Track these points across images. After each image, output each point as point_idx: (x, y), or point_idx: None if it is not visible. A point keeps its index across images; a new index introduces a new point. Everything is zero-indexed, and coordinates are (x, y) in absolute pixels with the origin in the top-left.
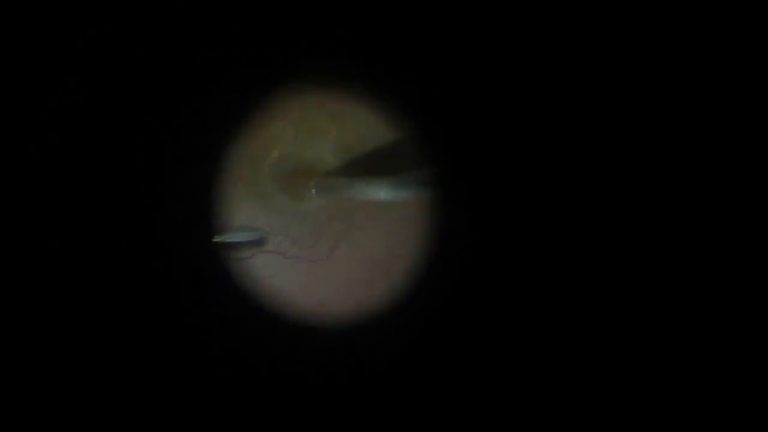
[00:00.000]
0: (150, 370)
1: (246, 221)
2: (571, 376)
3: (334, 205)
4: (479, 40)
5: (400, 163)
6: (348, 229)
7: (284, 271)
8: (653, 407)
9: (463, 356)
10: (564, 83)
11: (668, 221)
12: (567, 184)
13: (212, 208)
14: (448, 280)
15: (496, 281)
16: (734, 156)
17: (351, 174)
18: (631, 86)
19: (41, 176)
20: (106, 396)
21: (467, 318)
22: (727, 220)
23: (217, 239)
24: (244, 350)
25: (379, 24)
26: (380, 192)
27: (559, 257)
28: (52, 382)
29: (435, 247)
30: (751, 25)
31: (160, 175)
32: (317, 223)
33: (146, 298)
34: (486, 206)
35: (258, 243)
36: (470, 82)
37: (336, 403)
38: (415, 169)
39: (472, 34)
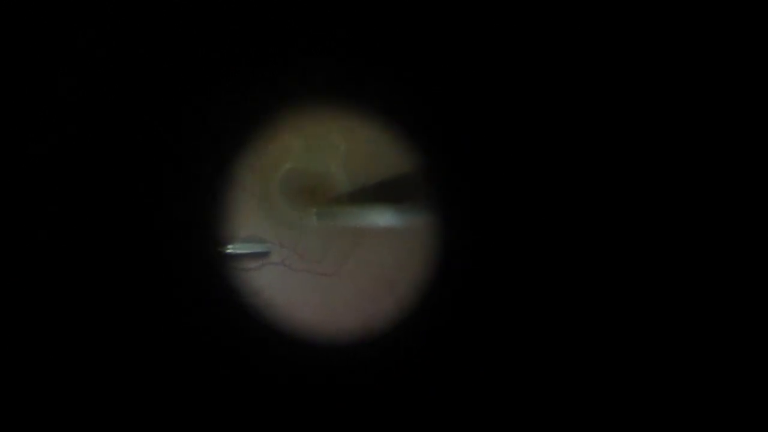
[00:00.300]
0: (150, 373)
1: (253, 232)
2: (581, 387)
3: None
4: (488, 41)
5: (407, 187)
6: (356, 243)
7: (291, 284)
8: (660, 410)
9: (471, 368)
10: (566, 88)
11: (672, 223)
12: (572, 193)
13: (218, 218)
14: (456, 294)
15: (504, 293)
16: (734, 156)
17: (358, 199)
18: (631, 86)
19: (41, 178)
20: (105, 397)
21: (475, 330)
22: (727, 220)
23: (222, 249)
24: (245, 357)
25: (386, 26)
26: (387, 219)
27: (567, 267)
28: (51, 382)
29: (442, 262)
30: (751, 25)
31: (164, 181)
32: (325, 236)
33: (149, 304)
34: (492, 218)
35: (264, 255)
36: (477, 86)
37: (337, 408)
38: (422, 193)
39: (481, 35)
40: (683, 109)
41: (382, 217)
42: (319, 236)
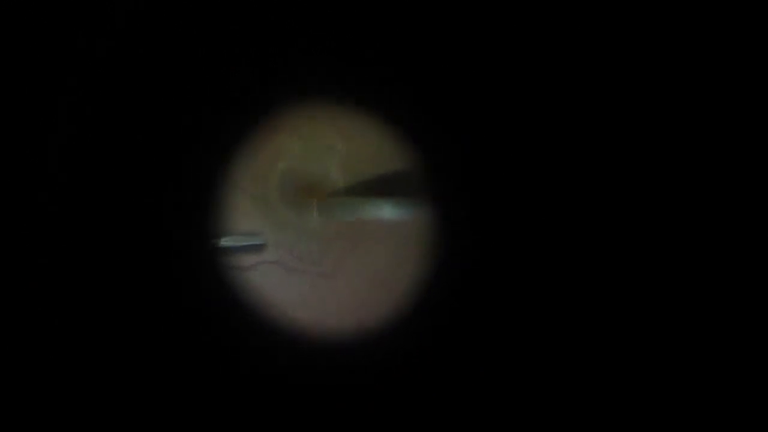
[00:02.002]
0: (146, 372)
1: (249, 231)
2: (581, 387)
3: (340, 221)
4: (491, 42)
5: (405, 183)
6: (353, 244)
7: (287, 285)
8: (659, 410)
9: (470, 367)
10: (565, 87)
11: (672, 223)
12: (571, 190)
13: (215, 217)
14: (454, 294)
15: (503, 293)
16: (734, 156)
17: (356, 193)
18: (631, 86)
19: (41, 180)
20: (101, 395)
21: (474, 330)
22: (727, 221)
23: (218, 245)
24: (241, 357)
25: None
26: (385, 212)
27: (566, 266)
28: (50, 381)
29: (439, 262)
30: (752, 25)
31: (162, 181)
32: (322, 238)
33: (145, 304)
34: (490, 216)
35: (260, 248)
36: (475, 84)
37: (334, 409)
38: (420, 190)
39: (478, 34)
40: (683, 109)
41: (380, 211)
42: (316, 237)
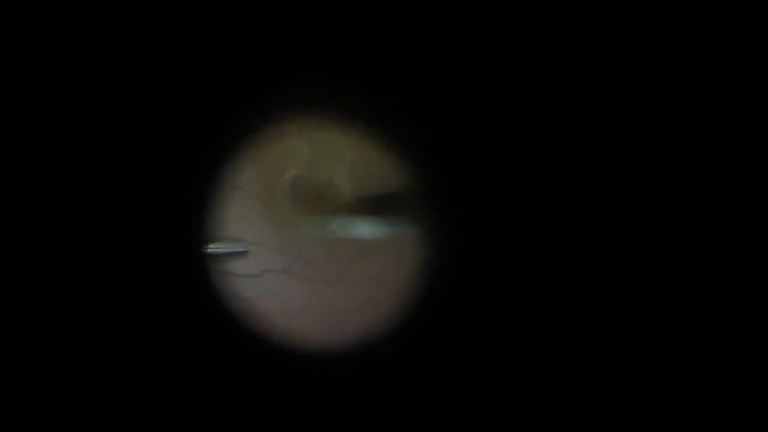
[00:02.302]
0: (147, 376)
1: (254, 238)
2: (581, 393)
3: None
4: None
5: (406, 201)
6: (358, 252)
7: (291, 291)
8: (659, 410)
9: (472, 375)
10: (568, 100)
11: (672, 224)
12: (572, 194)
13: (215, 218)
14: (456, 301)
15: (504, 300)
16: (734, 157)
17: (357, 210)
18: (632, 87)
19: (41, 180)
20: (103, 397)
21: (476, 337)
22: (728, 221)
23: (217, 247)
24: (243, 364)
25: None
26: (384, 231)
27: (566, 270)
28: (50, 382)
29: (442, 270)
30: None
31: (164, 185)
32: (327, 244)
33: (145, 305)
34: (491, 227)
35: (243, 254)
36: (482, 96)
37: (338, 418)
38: (421, 208)
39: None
40: (683, 109)
41: (382, 229)
42: (321, 244)
